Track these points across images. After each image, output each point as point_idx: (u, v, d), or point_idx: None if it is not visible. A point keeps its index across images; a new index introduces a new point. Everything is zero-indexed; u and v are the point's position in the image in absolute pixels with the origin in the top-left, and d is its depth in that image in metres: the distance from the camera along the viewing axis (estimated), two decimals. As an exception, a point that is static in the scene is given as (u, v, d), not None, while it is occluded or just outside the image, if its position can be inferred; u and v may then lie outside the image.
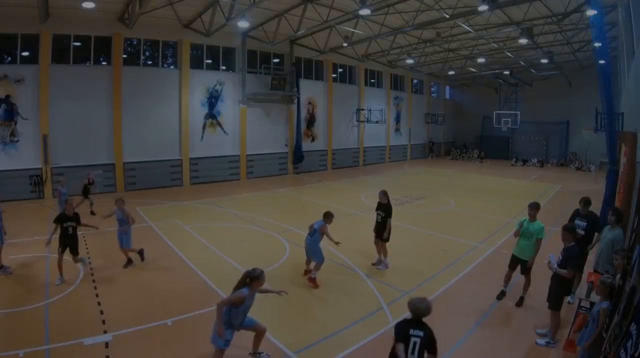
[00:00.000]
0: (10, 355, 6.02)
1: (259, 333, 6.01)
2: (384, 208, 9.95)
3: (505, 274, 8.31)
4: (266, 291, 6.17)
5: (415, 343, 4.35)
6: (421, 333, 4.37)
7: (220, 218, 15.19)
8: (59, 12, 17.20)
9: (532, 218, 7.92)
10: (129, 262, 9.98)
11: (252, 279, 5.63)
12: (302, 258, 9.87)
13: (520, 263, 7.99)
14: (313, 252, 9.07)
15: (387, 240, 10.02)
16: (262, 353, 6.16)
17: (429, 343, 4.39)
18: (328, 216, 9.17)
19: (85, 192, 15.22)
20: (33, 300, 7.93)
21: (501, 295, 8.32)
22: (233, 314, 5.53)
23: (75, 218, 9.07)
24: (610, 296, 5.29)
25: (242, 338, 6.13)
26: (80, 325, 6.93)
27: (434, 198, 19.22)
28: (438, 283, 9.07)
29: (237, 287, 5.63)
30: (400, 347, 4.31)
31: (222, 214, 15.67)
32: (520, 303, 8.01)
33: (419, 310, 4.45)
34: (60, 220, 8.88)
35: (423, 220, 15.04)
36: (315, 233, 9.01)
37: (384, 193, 10.06)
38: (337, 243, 9.02)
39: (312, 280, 8.86)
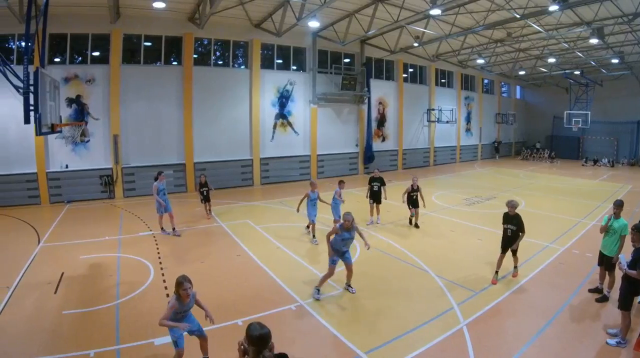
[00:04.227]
0: (81, 355, 5.99)
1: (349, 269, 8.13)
2: (379, 180, 13.95)
3: (599, 272, 8.41)
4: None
5: None
6: None
7: (291, 218, 14.78)
8: (130, 12, 17.54)
9: (617, 215, 8.09)
10: None
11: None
12: (372, 257, 10.43)
13: (605, 259, 8.13)
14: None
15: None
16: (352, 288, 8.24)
17: None
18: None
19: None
20: (104, 300, 7.90)
21: (595, 291, 8.32)
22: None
23: None
24: None
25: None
26: (151, 325, 6.72)
27: (505, 199, 18.01)
28: (509, 283, 8.91)
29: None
30: None
31: (293, 214, 15.23)
32: (602, 299, 8.00)
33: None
34: None
35: (493, 220, 14.09)
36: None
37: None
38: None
39: None
